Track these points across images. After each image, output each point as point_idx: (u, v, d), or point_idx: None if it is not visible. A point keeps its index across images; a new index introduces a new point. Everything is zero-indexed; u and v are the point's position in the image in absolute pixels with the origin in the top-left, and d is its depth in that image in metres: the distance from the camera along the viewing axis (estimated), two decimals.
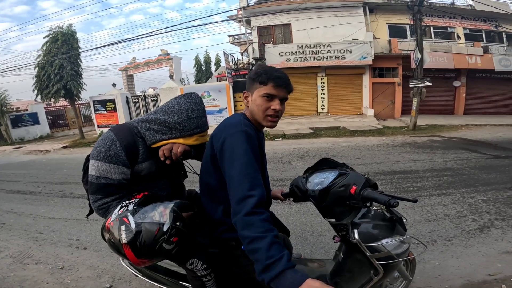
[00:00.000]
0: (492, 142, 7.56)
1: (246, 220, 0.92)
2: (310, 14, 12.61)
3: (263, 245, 0.87)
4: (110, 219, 1.05)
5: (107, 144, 1.19)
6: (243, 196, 0.95)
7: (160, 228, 1.01)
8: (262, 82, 1.14)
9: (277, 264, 0.85)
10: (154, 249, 1.01)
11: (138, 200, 1.13)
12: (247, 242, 0.91)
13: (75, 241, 3.09)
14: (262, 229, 0.91)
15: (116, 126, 1.29)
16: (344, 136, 9.31)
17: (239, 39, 20.98)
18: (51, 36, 11.95)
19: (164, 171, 1.35)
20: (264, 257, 0.86)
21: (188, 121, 1.25)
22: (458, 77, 13.69)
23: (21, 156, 9.95)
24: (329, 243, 2.71)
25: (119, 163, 1.19)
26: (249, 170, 1.00)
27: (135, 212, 1.04)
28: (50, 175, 6.47)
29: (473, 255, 2.46)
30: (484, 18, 13.66)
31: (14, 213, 4.06)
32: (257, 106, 1.15)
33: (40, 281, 2.40)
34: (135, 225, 1.00)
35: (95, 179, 1.19)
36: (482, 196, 3.74)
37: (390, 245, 1.12)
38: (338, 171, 1.21)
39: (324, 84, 13.21)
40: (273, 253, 0.86)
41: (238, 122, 1.12)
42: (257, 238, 0.89)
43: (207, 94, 12.14)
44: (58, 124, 17.48)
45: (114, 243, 1.02)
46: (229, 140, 1.05)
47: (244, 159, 1.01)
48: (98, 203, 1.20)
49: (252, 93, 1.18)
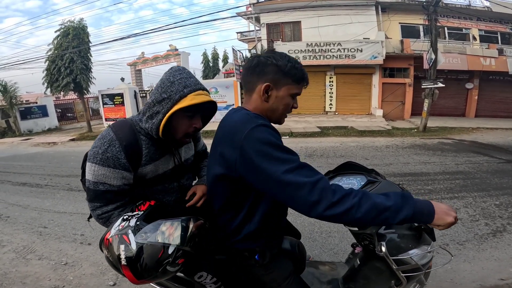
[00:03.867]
0: (504, 146, 7.42)
1: (338, 198, 0.80)
2: (320, 12, 12.40)
3: (371, 200, 0.81)
4: (110, 234, 0.92)
5: (105, 145, 1.02)
6: (311, 183, 0.81)
7: (165, 251, 0.88)
8: (297, 81, 1.01)
9: (403, 199, 0.82)
10: (157, 271, 0.89)
11: (143, 213, 0.99)
12: (355, 211, 0.81)
13: (79, 236, 3.06)
14: (353, 192, 0.83)
15: (116, 123, 1.11)
16: (352, 136, 9.18)
17: (247, 36, 20.86)
18: (62, 30, 12.06)
19: (173, 173, 1.22)
20: (385, 205, 0.81)
21: (172, 85, 1.04)
22: (471, 79, 13.37)
23: (28, 148, 10.04)
24: (338, 245, 2.67)
25: (119, 167, 1.03)
26: (295, 160, 0.86)
27: (137, 229, 0.91)
28: (57, 167, 6.49)
29: (485, 259, 2.45)
30: (501, 20, 13.29)
31: (19, 206, 4.05)
32: (284, 106, 1.02)
33: (42, 277, 2.36)
34: (136, 246, 0.87)
35: (92, 185, 1.04)
36: (495, 201, 3.70)
37: (418, 256, 1.03)
38: (367, 178, 1.10)
39: (332, 83, 13.05)
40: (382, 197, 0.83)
41: (245, 118, 0.95)
42: (360, 200, 0.81)
43: (215, 90, 12.10)
44: (67, 117, 17.65)
45: (112, 262, 0.91)
46: (249, 142, 0.87)
47: (282, 152, 0.86)
48: (97, 211, 1.06)
49: (279, 88, 1.00)
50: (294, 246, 1.23)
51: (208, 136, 9.47)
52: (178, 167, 1.24)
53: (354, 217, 0.80)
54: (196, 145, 1.43)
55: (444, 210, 0.84)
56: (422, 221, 0.84)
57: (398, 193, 0.85)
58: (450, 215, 0.84)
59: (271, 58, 0.99)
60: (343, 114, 13.04)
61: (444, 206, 0.85)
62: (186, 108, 1.04)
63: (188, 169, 1.34)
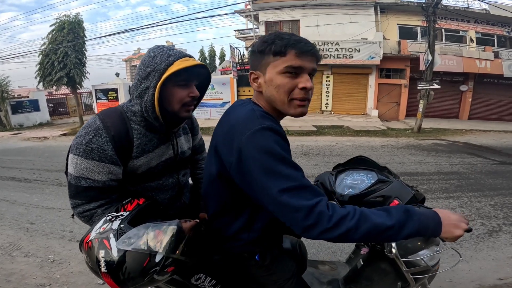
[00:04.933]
0: (497, 148, 7.54)
1: (334, 223, 0.72)
2: (320, 11, 12.40)
3: (370, 221, 0.73)
4: (89, 236, 0.81)
5: (90, 134, 0.90)
6: (309, 207, 0.72)
7: (151, 259, 0.77)
8: (278, 53, 0.81)
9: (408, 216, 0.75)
10: (142, 280, 0.78)
11: (129, 213, 0.87)
12: (353, 233, 0.73)
13: (68, 233, 2.96)
14: (351, 212, 0.74)
15: (105, 110, 0.99)
16: (347, 136, 9.20)
17: (245, 34, 20.75)
18: (57, 24, 11.90)
19: (168, 167, 1.10)
20: (386, 224, 0.73)
21: (155, 58, 0.95)
22: (465, 81, 13.51)
23: (19, 142, 9.82)
24: (337, 243, 2.63)
25: (105, 160, 0.91)
26: (297, 179, 0.74)
27: (120, 233, 0.79)
28: (47, 162, 6.34)
29: (483, 259, 2.47)
30: (498, 23, 13.43)
31: (6, 201, 3.93)
32: (278, 88, 0.82)
33: (28, 275, 2.26)
34: (117, 253, 0.75)
35: (73, 180, 0.91)
36: (490, 201, 3.74)
37: (428, 257, 0.99)
38: (378, 176, 1.03)
39: (329, 83, 13.06)
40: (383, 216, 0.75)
41: (250, 115, 0.82)
42: (358, 222, 0.73)
43: (211, 87, 11.99)
44: (59, 112, 17.35)
45: (92, 267, 0.79)
46: (252, 145, 0.75)
47: (284, 167, 0.74)
48: (78, 209, 0.93)
49: (264, 72, 0.85)
50: (295, 245, 1.17)
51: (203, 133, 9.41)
52: (173, 159, 1.12)
53: (352, 238, 0.74)
54: (194, 138, 1.33)
55: (453, 222, 0.77)
56: (428, 235, 0.77)
57: (400, 208, 0.78)
58: (459, 228, 0.77)
59: (252, 46, 0.88)
60: (339, 114, 13.06)
61: (454, 217, 0.79)
62: (177, 75, 0.94)
63: (185, 163, 1.23)
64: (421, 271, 0.99)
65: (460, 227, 0.77)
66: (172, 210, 1.16)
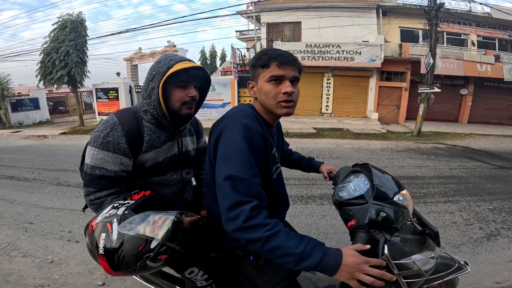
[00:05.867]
0: (496, 153, 7.54)
1: (248, 225, 0.79)
2: (322, 13, 12.40)
3: (281, 240, 0.78)
4: (96, 220, 0.88)
5: (107, 129, 1.04)
6: (237, 201, 0.81)
7: (146, 245, 0.83)
8: (264, 65, 0.99)
9: (313, 250, 0.79)
10: (135, 265, 0.84)
11: (134, 202, 0.95)
12: (261, 244, 0.79)
13: (67, 233, 2.95)
14: (270, 225, 0.80)
15: (121, 110, 1.14)
16: (347, 138, 9.19)
17: (246, 35, 20.78)
18: (60, 23, 11.89)
19: (173, 163, 1.20)
20: (292, 250, 0.78)
21: (159, 63, 1.09)
22: (466, 85, 13.51)
23: (18, 140, 9.82)
24: (335, 246, 2.62)
25: (118, 152, 1.04)
26: (245, 174, 0.84)
27: (123, 219, 0.86)
28: (46, 161, 6.33)
29: (480, 262, 2.49)
30: (500, 26, 13.41)
31: (5, 200, 3.92)
32: (266, 94, 1.00)
33: (26, 275, 2.26)
34: (117, 236, 0.82)
35: (89, 169, 1.03)
36: (488, 205, 3.75)
37: (421, 262, 0.99)
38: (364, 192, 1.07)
39: (330, 85, 13.06)
40: (296, 242, 0.79)
41: (238, 112, 0.99)
42: (271, 236, 0.78)
43: (212, 88, 11.97)
44: (59, 111, 17.36)
45: (91, 250, 0.86)
46: (226, 134, 0.92)
47: (240, 160, 0.86)
48: (90, 196, 1.05)
49: (257, 81, 1.03)
50: None
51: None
52: (178, 156, 1.23)
53: (260, 249, 0.79)
54: (199, 141, 1.43)
55: (352, 265, 0.78)
56: (325, 273, 0.80)
57: (313, 241, 0.82)
58: (358, 270, 0.78)
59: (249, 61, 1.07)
60: (339, 116, 13.05)
61: (355, 261, 0.79)
62: (176, 76, 1.07)
63: (189, 162, 1.33)
64: (414, 275, 0.99)
65: (359, 269, 0.78)
66: (174, 205, 1.25)
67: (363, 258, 0.81)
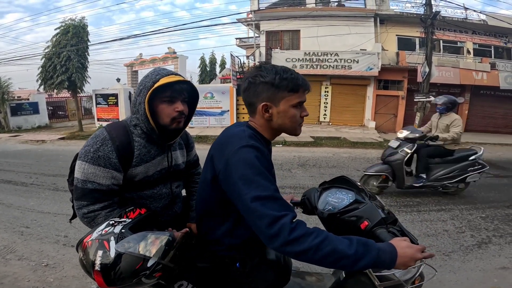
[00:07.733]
0: (491, 161, 7.49)
1: (294, 237, 0.79)
2: (320, 22, 12.57)
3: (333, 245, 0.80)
4: (90, 236, 0.90)
5: (97, 144, 1.04)
6: (274, 217, 0.81)
7: (144, 263, 0.86)
8: (293, 90, 0.97)
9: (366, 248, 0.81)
10: (131, 281, 0.87)
11: (131, 221, 0.97)
12: (312, 253, 0.80)
13: (62, 237, 2.97)
14: (315, 232, 0.82)
15: (111, 124, 1.14)
16: (344, 147, 9.23)
17: (246, 42, 21.01)
18: (62, 28, 11.98)
19: (163, 177, 1.21)
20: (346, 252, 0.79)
21: (146, 78, 1.10)
22: (462, 93, 13.57)
23: (16, 144, 9.83)
24: None
25: (109, 166, 1.04)
26: (270, 191, 0.85)
27: (121, 237, 0.88)
28: (44, 166, 6.35)
29: (470, 270, 2.51)
30: (495, 34, 13.56)
31: (2, 204, 3.94)
32: (291, 118, 1.00)
33: (21, 278, 2.28)
34: (114, 254, 0.85)
35: (80, 183, 1.03)
36: (481, 213, 3.79)
37: (401, 272, 1.02)
38: (355, 197, 1.10)
39: (328, 93, 13.15)
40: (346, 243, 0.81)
41: (241, 133, 0.97)
42: (320, 243, 0.79)
43: (210, 95, 12.06)
44: (58, 115, 17.38)
45: (85, 265, 0.88)
46: (237, 156, 0.89)
47: (261, 179, 0.86)
48: (83, 210, 1.04)
49: (276, 104, 0.98)
50: (279, 256, 1.21)
51: (201, 141, 9.42)
52: (168, 170, 1.23)
53: (312, 258, 0.80)
54: (189, 154, 1.43)
55: (409, 255, 0.84)
56: (382, 268, 0.84)
57: (361, 240, 0.84)
58: (413, 259, 0.84)
59: (258, 77, 0.98)
60: (336, 125, 13.09)
61: (410, 251, 0.85)
62: (163, 91, 1.07)
63: (179, 176, 1.33)
64: (394, 286, 1.02)
65: (415, 257, 0.85)
66: (163, 217, 1.25)
67: (416, 246, 0.86)
